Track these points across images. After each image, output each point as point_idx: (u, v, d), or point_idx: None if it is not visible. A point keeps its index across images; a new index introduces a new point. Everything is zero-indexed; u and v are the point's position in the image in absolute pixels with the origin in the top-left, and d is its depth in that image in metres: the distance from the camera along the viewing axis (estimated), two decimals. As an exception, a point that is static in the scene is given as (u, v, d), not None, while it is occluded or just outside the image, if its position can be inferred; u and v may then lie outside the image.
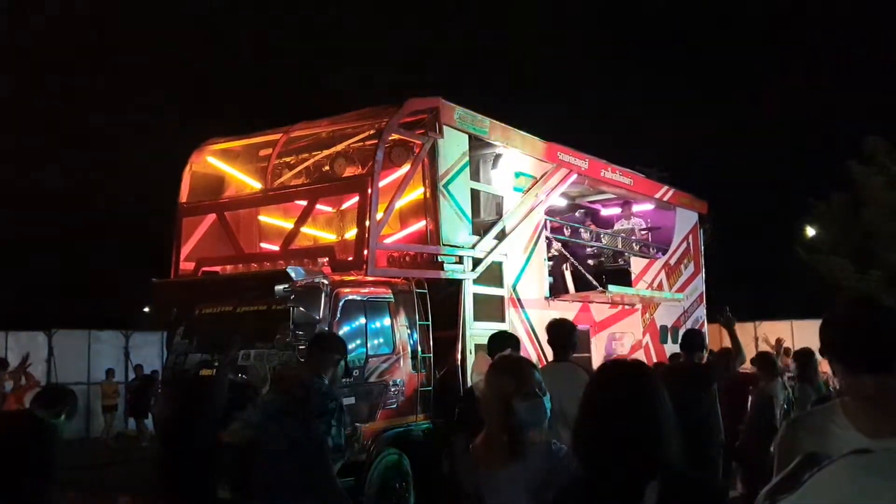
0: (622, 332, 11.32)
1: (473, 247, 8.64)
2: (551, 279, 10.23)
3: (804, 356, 7.14)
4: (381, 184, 7.89)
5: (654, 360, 11.41)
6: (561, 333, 5.18)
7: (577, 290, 10.37)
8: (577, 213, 12.28)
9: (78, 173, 29.44)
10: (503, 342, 5.48)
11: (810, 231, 24.88)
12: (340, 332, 7.30)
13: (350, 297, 7.45)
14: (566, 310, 10.07)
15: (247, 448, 4.71)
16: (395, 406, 7.70)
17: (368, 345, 7.58)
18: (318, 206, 8.72)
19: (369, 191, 7.68)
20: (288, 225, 8.76)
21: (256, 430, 4.58)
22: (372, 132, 8.31)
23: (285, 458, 4.33)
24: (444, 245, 8.25)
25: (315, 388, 4.43)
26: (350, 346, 7.41)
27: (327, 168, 8.56)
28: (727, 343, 6.79)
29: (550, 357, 5.38)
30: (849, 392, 1.94)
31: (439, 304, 8.30)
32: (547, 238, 10.18)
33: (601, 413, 1.96)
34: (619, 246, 11.97)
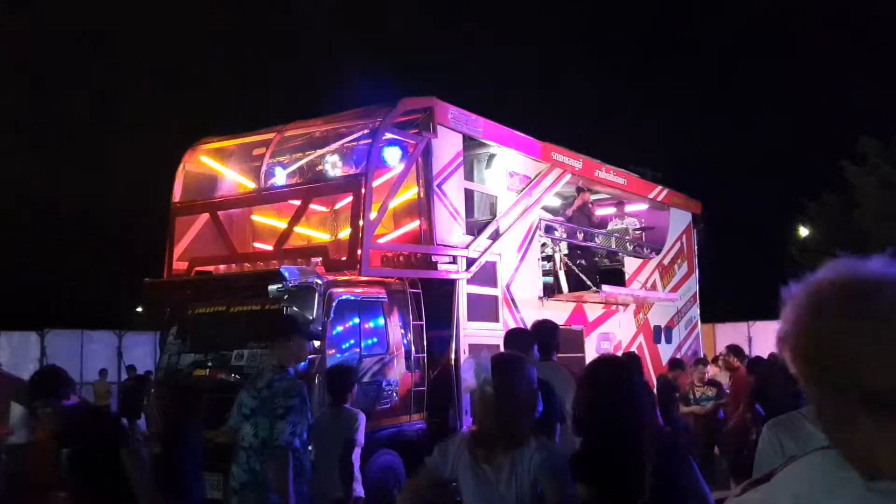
0: (616, 331, 11.33)
1: (467, 247, 8.64)
2: (545, 279, 10.24)
3: None
4: (375, 183, 7.88)
5: (648, 360, 11.45)
6: (544, 334, 5.34)
7: (570, 289, 10.37)
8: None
9: (72, 173, 29.35)
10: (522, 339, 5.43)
11: (803, 231, 24.98)
12: (334, 332, 7.30)
13: (344, 296, 7.44)
14: (560, 310, 10.08)
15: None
16: (388, 406, 7.69)
17: (362, 345, 7.57)
18: (312, 206, 8.71)
19: (363, 190, 7.67)
20: (281, 224, 8.74)
21: (235, 430, 4.64)
22: (366, 131, 8.30)
23: (257, 457, 4.39)
24: (438, 245, 8.25)
25: (277, 386, 4.46)
26: (343, 346, 7.42)
27: (321, 167, 8.55)
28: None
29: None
30: None
31: (433, 304, 8.29)
32: (541, 238, 10.19)
33: (595, 399, 2.65)
34: (613, 246, 11.98)
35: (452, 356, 8.21)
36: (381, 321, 7.81)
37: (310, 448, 4.67)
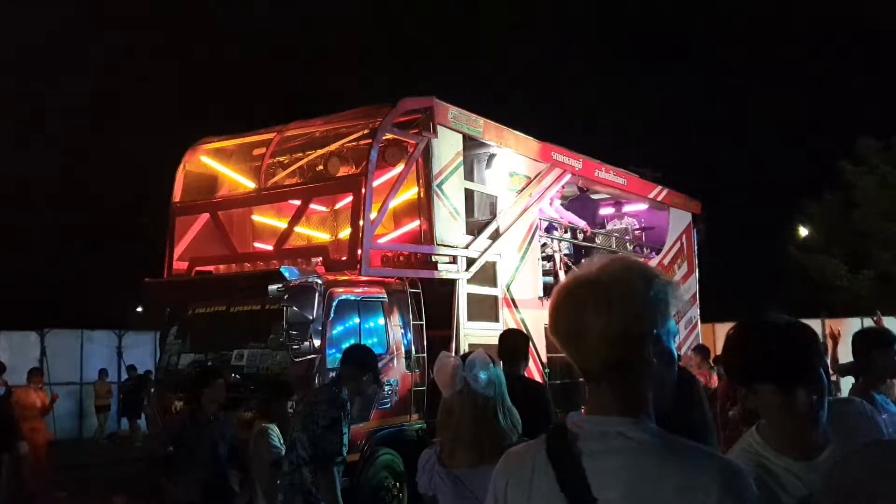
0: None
1: (467, 246, 8.65)
2: (545, 279, 10.24)
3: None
4: (375, 183, 7.89)
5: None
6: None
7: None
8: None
9: (71, 172, 29.35)
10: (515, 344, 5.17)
11: (803, 231, 24.97)
12: (334, 332, 7.31)
13: (343, 296, 7.45)
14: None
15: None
16: (388, 406, 7.70)
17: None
18: (312, 206, 8.72)
19: (363, 190, 7.67)
20: (282, 224, 8.75)
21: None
22: (366, 132, 8.30)
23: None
24: (437, 245, 8.25)
25: (321, 398, 4.34)
26: (343, 346, 7.41)
27: (321, 167, 8.56)
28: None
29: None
30: (777, 410, 1.85)
31: (433, 304, 8.30)
32: (541, 237, 10.19)
33: None
34: (613, 246, 11.99)
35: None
36: (380, 321, 7.82)
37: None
